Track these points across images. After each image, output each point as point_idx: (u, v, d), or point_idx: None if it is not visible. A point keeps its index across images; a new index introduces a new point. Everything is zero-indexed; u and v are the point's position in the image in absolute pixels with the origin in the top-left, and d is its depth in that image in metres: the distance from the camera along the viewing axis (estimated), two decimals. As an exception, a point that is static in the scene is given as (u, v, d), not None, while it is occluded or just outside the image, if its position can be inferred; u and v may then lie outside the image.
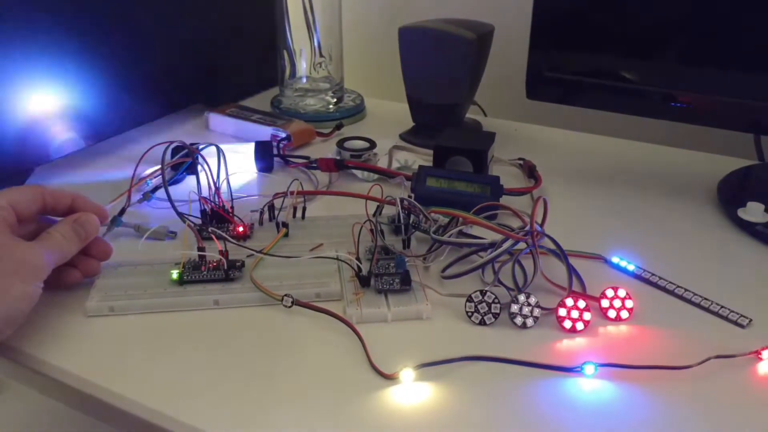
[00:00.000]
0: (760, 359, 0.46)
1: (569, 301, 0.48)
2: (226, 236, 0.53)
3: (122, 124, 0.78)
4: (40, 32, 0.66)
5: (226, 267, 0.52)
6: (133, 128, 0.80)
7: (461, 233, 0.56)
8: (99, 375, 0.44)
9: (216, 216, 0.58)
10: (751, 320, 0.49)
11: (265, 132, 0.78)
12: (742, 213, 0.62)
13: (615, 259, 0.56)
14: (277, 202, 0.60)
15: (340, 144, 0.74)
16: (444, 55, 0.76)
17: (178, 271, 0.52)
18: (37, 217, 0.52)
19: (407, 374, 0.43)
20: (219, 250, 0.52)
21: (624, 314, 0.49)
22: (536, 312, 0.49)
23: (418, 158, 0.73)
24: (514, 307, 0.49)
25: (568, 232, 0.56)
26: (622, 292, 0.50)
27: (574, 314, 0.48)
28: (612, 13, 0.67)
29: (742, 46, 0.62)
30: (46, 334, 0.48)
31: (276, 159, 0.73)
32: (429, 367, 0.44)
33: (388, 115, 0.90)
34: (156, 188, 0.66)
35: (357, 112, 0.89)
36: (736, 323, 0.49)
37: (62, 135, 0.71)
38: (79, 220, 0.50)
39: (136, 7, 0.75)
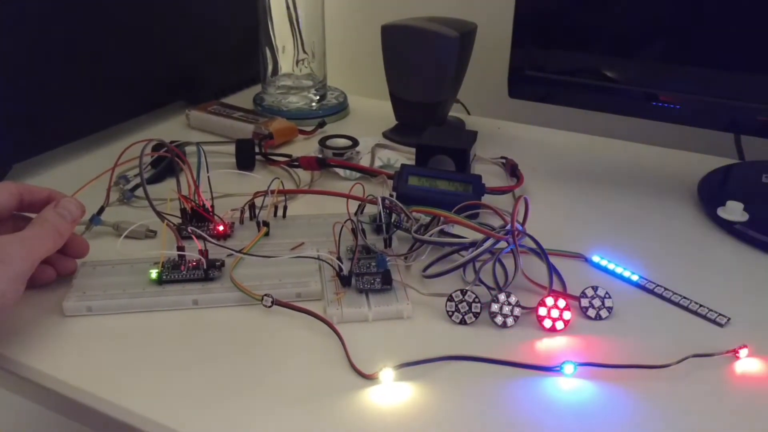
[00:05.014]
0: (738, 358, 0.46)
1: (549, 300, 0.48)
2: (206, 236, 0.53)
3: (101, 122, 0.78)
4: (19, 28, 0.65)
5: (205, 266, 0.51)
6: (112, 126, 0.79)
7: (443, 232, 0.56)
8: (76, 376, 0.44)
9: (196, 215, 0.58)
10: (729, 319, 0.49)
11: (247, 130, 0.77)
12: (721, 212, 0.63)
13: (596, 258, 0.56)
14: (258, 201, 0.60)
15: (323, 142, 0.73)
16: (427, 53, 0.76)
17: (157, 270, 0.51)
18: (13, 214, 0.51)
19: (387, 374, 0.43)
20: (199, 249, 0.52)
21: (603, 313, 0.50)
22: (516, 311, 0.49)
23: (401, 157, 0.73)
24: (495, 307, 0.49)
25: (549, 231, 0.56)
26: (602, 291, 0.50)
27: (554, 313, 0.48)
28: (594, 13, 0.67)
29: (723, 45, 0.62)
30: (22, 334, 0.47)
31: (257, 157, 0.72)
32: (409, 366, 0.44)
33: (371, 113, 0.90)
34: (135, 186, 0.65)
35: (340, 109, 0.89)
36: (714, 322, 0.50)
37: (39, 132, 0.70)
38: (59, 203, 0.50)
39: (116, 3, 0.75)
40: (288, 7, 0.84)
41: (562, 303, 0.48)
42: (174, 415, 0.41)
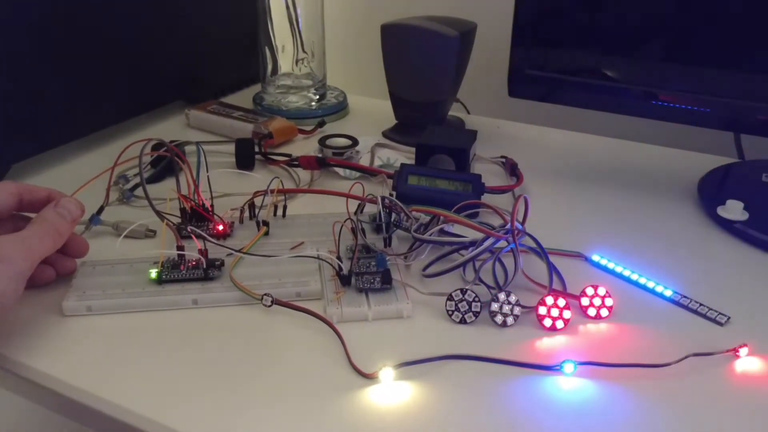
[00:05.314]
0: (738, 357, 0.46)
1: (549, 300, 0.48)
2: (206, 235, 0.53)
3: (101, 121, 0.78)
4: (19, 28, 0.65)
5: (205, 266, 0.51)
6: (112, 125, 0.79)
7: (442, 231, 0.56)
8: (75, 376, 0.44)
9: (195, 214, 0.58)
10: (729, 318, 0.49)
11: (246, 129, 0.77)
12: (721, 211, 0.63)
13: (595, 258, 0.56)
14: (258, 201, 0.60)
15: (322, 141, 0.73)
16: (427, 52, 0.76)
17: (156, 270, 0.51)
18: (12, 214, 0.51)
19: (387, 373, 0.43)
20: (198, 249, 0.52)
21: (604, 312, 0.50)
22: (516, 310, 0.49)
23: (401, 156, 0.73)
24: (495, 306, 0.49)
25: (549, 230, 0.56)
26: (602, 290, 0.50)
27: (554, 312, 0.48)
28: (594, 12, 0.67)
29: (723, 45, 0.62)
30: (22, 334, 0.47)
31: (257, 157, 0.72)
32: (409, 366, 0.44)
33: (370, 112, 0.90)
34: (135, 186, 0.65)
35: (340, 109, 0.89)
36: (714, 321, 0.50)
37: (38, 132, 0.70)
38: (59, 203, 0.50)
39: (115, 2, 0.74)
40: (287, 7, 0.84)
41: (562, 302, 0.48)
42: (173, 414, 0.41)
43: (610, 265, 0.55)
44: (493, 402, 0.42)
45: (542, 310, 0.49)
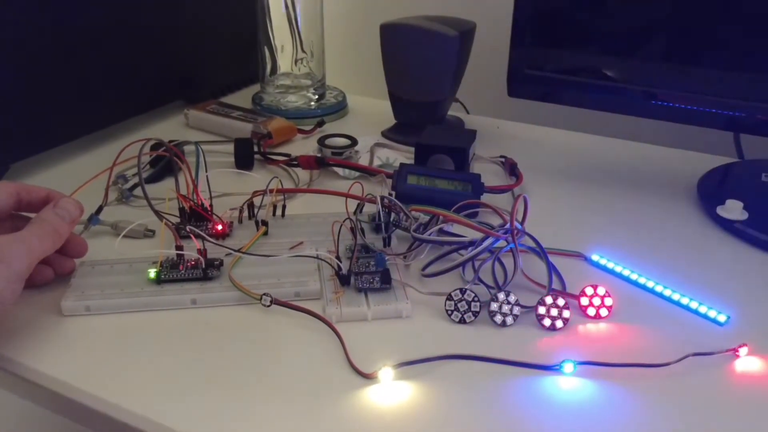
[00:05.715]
0: (737, 356, 0.46)
1: (549, 299, 0.48)
2: (204, 235, 0.53)
3: (100, 121, 0.77)
4: (17, 27, 0.65)
5: (204, 266, 0.51)
6: (111, 125, 0.79)
7: (442, 231, 0.56)
8: (74, 376, 0.44)
9: (194, 214, 0.58)
10: (729, 318, 0.49)
11: (246, 129, 0.77)
12: (721, 211, 0.63)
13: (595, 257, 0.56)
14: (257, 200, 0.60)
15: (322, 141, 0.73)
16: (426, 52, 0.76)
17: (155, 270, 0.51)
18: (11, 214, 0.51)
19: (386, 373, 0.43)
20: (197, 248, 0.52)
21: (603, 312, 0.50)
22: (516, 310, 0.49)
23: (400, 156, 0.73)
24: (494, 306, 0.49)
25: (549, 229, 0.57)
26: (601, 290, 0.50)
27: (554, 312, 0.48)
28: (593, 12, 0.67)
29: (722, 45, 0.62)
30: (21, 334, 0.47)
31: (256, 156, 0.72)
32: (408, 366, 0.44)
33: (370, 112, 0.90)
34: (134, 186, 0.65)
35: (339, 109, 0.89)
36: (714, 321, 0.49)
37: (37, 132, 0.70)
38: (58, 203, 0.50)
39: (115, 2, 0.74)
40: (287, 7, 0.84)
41: (561, 302, 0.48)
42: (172, 414, 0.41)
43: (610, 265, 0.55)
44: (492, 402, 0.42)
45: (541, 310, 0.49)
